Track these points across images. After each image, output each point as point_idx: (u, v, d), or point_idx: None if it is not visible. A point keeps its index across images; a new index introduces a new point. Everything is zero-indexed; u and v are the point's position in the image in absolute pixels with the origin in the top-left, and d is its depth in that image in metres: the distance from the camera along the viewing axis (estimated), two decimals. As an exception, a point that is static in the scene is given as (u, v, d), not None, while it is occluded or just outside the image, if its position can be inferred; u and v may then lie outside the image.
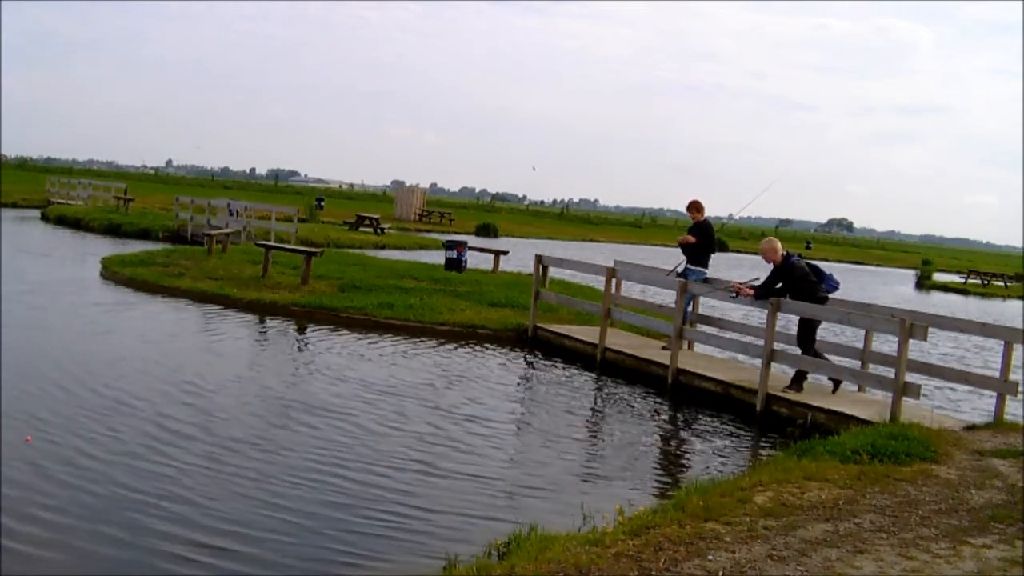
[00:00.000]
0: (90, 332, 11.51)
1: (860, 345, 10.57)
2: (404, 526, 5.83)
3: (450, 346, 12.42)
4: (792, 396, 9.45)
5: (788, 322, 10.37)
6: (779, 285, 9.83)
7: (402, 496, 6.36)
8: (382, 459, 7.16)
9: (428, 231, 41.62)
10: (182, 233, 26.07)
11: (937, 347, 16.03)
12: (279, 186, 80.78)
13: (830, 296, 10.01)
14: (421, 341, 12.56)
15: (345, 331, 12.87)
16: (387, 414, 8.53)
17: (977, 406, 10.94)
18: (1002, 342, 8.89)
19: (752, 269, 27.28)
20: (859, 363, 10.37)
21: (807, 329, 9.77)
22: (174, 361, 10.04)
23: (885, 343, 12.12)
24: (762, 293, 9.91)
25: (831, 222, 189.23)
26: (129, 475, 6.32)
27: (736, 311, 14.41)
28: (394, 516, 5.98)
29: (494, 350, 12.52)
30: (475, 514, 6.14)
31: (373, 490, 6.44)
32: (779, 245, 9.92)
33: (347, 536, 5.61)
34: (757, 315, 13.52)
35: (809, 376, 9.96)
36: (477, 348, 12.54)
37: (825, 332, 15.42)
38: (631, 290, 16.81)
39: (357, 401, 8.91)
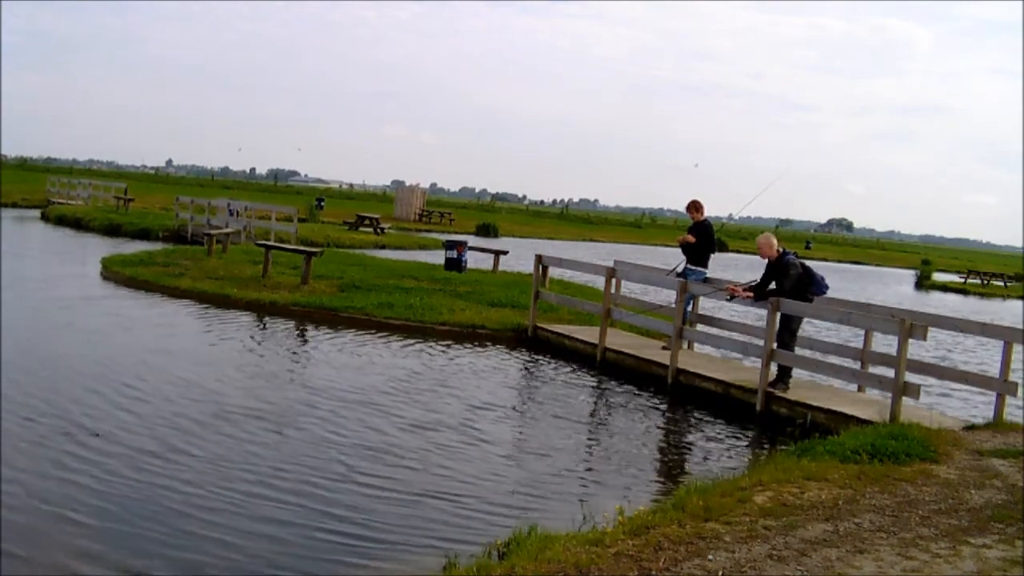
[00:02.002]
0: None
1: (860, 345, 10.57)
2: (404, 526, 5.83)
3: (450, 346, 12.42)
4: (790, 395, 9.45)
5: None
6: (773, 284, 9.84)
7: (402, 495, 6.35)
8: (381, 458, 7.16)
9: (428, 231, 41.64)
10: (182, 233, 26.07)
11: (938, 347, 16.04)
12: (279, 186, 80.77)
13: (821, 296, 10.05)
14: (421, 341, 12.55)
15: (345, 331, 12.87)
16: (387, 413, 8.53)
17: (977, 406, 10.94)
18: (1002, 342, 8.90)
19: (749, 269, 27.26)
20: (859, 363, 10.37)
21: (789, 327, 9.78)
22: (173, 361, 10.05)
23: (883, 344, 12.12)
24: (759, 294, 9.92)
25: (831, 222, 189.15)
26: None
27: (736, 311, 14.41)
28: (394, 516, 5.98)
29: (494, 350, 12.51)
30: (475, 514, 6.14)
31: (373, 489, 6.44)
32: (775, 241, 9.94)
33: (347, 536, 5.61)
34: (757, 315, 13.52)
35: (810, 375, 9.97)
36: (477, 348, 12.54)
37: (825, 332, 15.45)
38: (631, 290, 16.82)
39: (358, 400, 8.91)
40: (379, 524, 5.82)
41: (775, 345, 9.67)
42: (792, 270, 9.72)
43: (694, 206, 12.38)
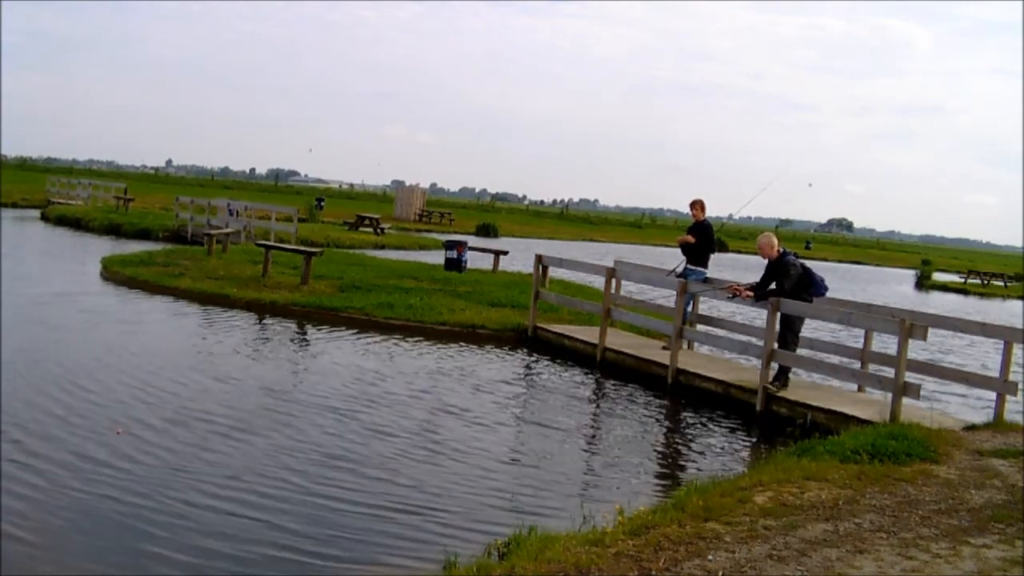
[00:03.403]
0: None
1: (860, 345, 10.57)
2: (404, 525, 5.83)
3: (450, 346, 12.42)
4: (790, 395, 9.45)
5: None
6: (774, 284, 9.84)
7: (401, 495, 6.35)
8: (381, 458, 7.16)
9: (428, 231, 41.62)
10: (182, 233, 26.07)
11: (939, 347, 16.04)
12: (279, 186, 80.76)
13: (821, 297, 10.05)
14: (421, 341, 12.55)
15: (345, 331, 12.87)
16: (387, 413, 8.53)
17: (977, 406, 10.94)
18: (1002, 342, 8.90)
19: (750, 270, 27.26)
20: (859, 363, 10.37)
21: (792, 328, 9.78)
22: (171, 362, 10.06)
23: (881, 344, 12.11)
24: (760, 293, 9.92)
25: (831, 222, 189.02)
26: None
27: (736, 311, 14.41)
28: (393, 516, 5.98)
29: (494, 350, 12.51)
30: (475, 514, 6.14)
31: (373, 489, 6.44)
32: (775, 240, 9.94)
33: (346, 536, 5.61)
34: (757, 315, 13.52)
35: (810, 374, 9.97)
36: (477, 348, 12.53)
37: (826, 332, 15.44)
38: (631, 290, 16.81)
39: (358, 400, 8.92)
40: (367, 535, 5.81)
41: (776, 345, 9.68)
42: (792, 270, 9.73)
43: (697, 205, 12.36)
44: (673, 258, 13.69)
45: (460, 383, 10.17)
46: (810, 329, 13.53)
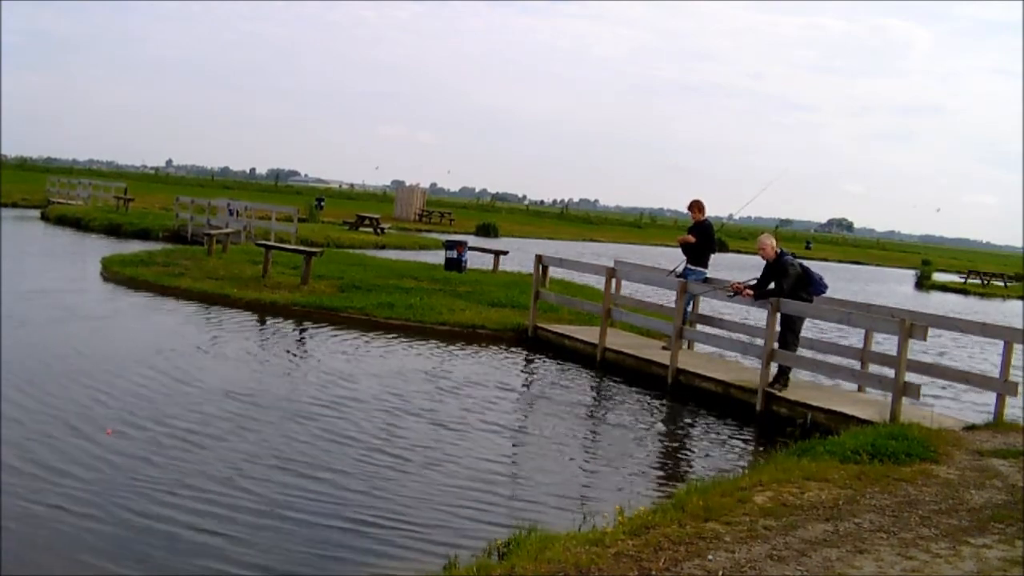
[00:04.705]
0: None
1: (860, 345, 10.57)
2: (404, 525, 5.83)
3: (450, 346, 12.42)
4: (790, 395, 9.45)
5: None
6: (772, 284, 9.84)
7: (401, 496, 6.35)
8: (382, 457, 7.17)
9: (428, 231, 41.62)
10: (182, 233, 26.07)
11: (940, 347, 16.04)
12: (279, 186, 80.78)
13: (821, 296, 10.05)
14: (421, 341, 12.55)
15: (345, 331, 12.87)
16: (387, 413, 8.53)
17: (977, 406, 10.94)
18: (1002, 342, 8.90)
19: (749, 270, 27.26)
20: (859, 363, 10.37)
21: (792, 328, 9.78)
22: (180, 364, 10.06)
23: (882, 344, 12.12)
24: (760, 293, 9.93)
25: (831, 222, 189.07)
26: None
27: (736, 311, 14.41)
28: (393, 515, 5.98)
29: (494, 350, 12.51)
30: (475, 514, 6.14)
31: (372, 489, 6.45)
32: (773, 241, 9.96)
33: (346, 535, 5.61)
34: (757, 315, 13.52)
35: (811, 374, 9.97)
36: (477, 348, 12.53)
37: (824, 332, 15.44)
38: (631, 290, 16.81)
39: (358, 399, 8.92)
40: (366, 534, 5.81)
41: (776, 345, 9.68)
42: (791, 270, 9.74)
43: (696, 206, 12.38)
44: (673, 258, 13.69)
45: (459, 383, 10.16)
46: (816, 330, 13.55)
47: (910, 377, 8.76)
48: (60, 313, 12.62)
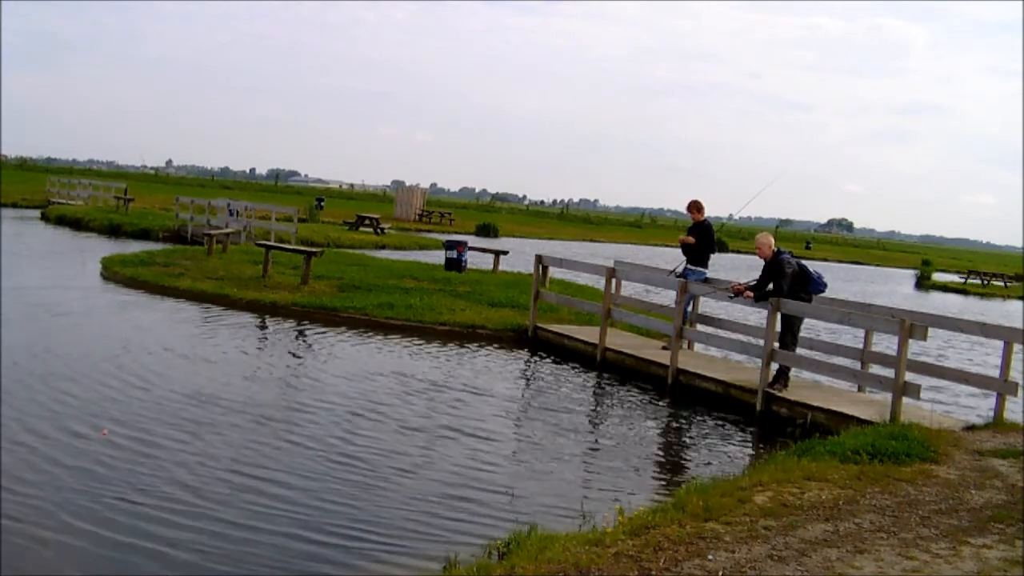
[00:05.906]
0: None
1: (860, 345, 10.57)
2: (404, 525, 5.83)
3: (450, 346, 12.42)
4: (790, 395, 9.45)
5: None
6: (771, 285, 9.84)
7: (401, 496, 6.35)
8: (383, 457, 7.16)
9: (428, 231, 41.60)
10: (182, 233, 26.07)
11: (941, 348, 16.04)
12: (279, 186, 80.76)
13: (822, 296, 10.06)
14: (421, 341, 12.55)
15: (345, 331, 12.86)
16: (387, 413, 8.53)
17: (977, 406, 10.94)
18: (1002, 342, 8.89)
19: (749, 270, 27.26)
20: (859, 363, 10.37)
21: (791, 329, 9.78)
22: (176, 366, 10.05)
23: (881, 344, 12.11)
24: (760, 294, 9.92)
25: (831, 222, 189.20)
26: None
27: (736, 311, 14.40)
28: (393, 515, 5.98)
29: (494, 350, 12.51)
30: (475, 514, 6.14)
31: (373, 488, 6.45)
32: (771, 241, 9.96)
33: (346, 535, 5.61)
34: (757, 315, 13.52)
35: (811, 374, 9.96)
36: (477, 348, 12.53)
37: (825, 332, 15.44)
38: (631, 290, 16.81)
39: (358, 399, 8.92)
40: (367, 533, 5.81)
41: (776, 345, 9.68)
42: (788, 268, 9.74)
43: (695, 206, 12.39)
44: (673, 258, 13.69)
45: (459, 383, 10.16)
46: (816, 331, 13.54)
47: (910, 377, 8.76)
48: (60, 313, 12.62)
